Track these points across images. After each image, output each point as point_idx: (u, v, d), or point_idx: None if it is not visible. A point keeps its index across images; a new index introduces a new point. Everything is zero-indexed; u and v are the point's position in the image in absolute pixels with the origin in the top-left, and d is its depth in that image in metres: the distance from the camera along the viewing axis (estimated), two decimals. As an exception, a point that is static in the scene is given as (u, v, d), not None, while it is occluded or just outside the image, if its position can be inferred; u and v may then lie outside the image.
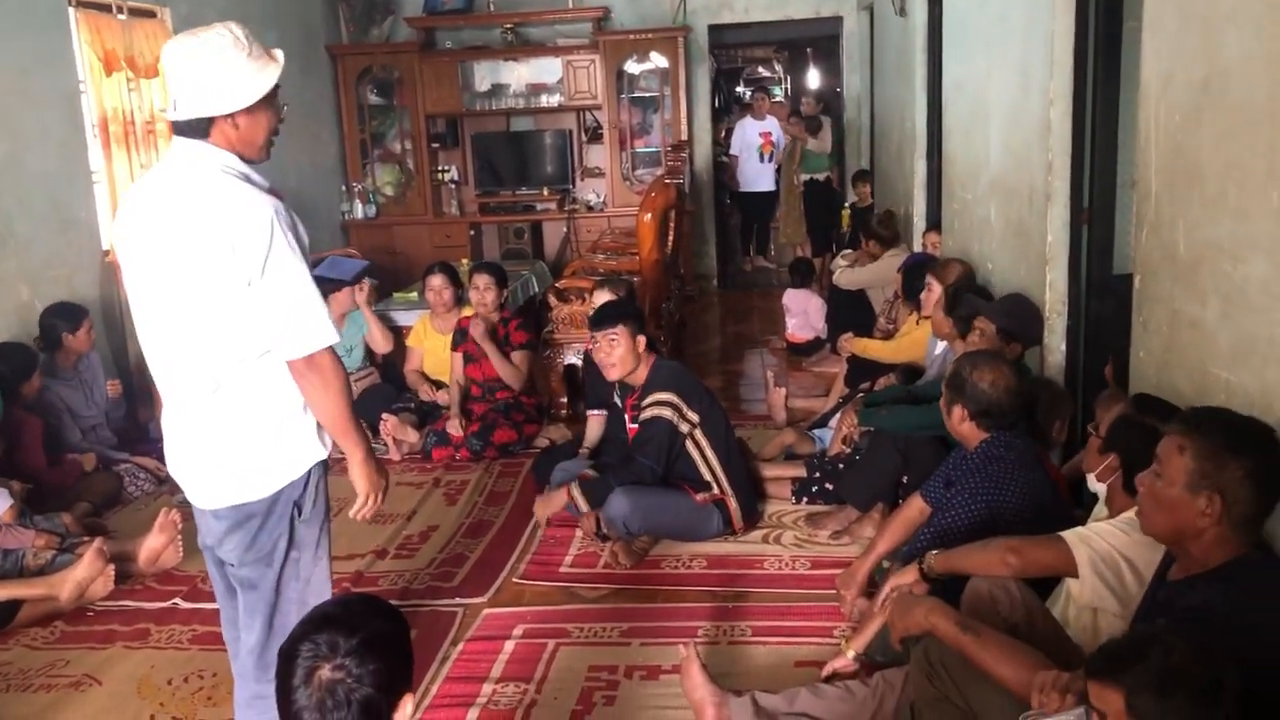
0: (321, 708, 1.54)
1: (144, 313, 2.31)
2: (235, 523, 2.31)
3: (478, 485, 4.86)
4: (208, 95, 2.20)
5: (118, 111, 5.82)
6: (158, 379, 2.35)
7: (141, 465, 4.99)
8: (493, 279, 5.41)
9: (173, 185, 2.24)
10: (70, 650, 3.46)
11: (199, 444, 2.32)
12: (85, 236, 5.53)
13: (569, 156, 9.33)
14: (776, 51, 13.96)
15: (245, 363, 2.25)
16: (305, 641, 1.57)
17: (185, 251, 2.18)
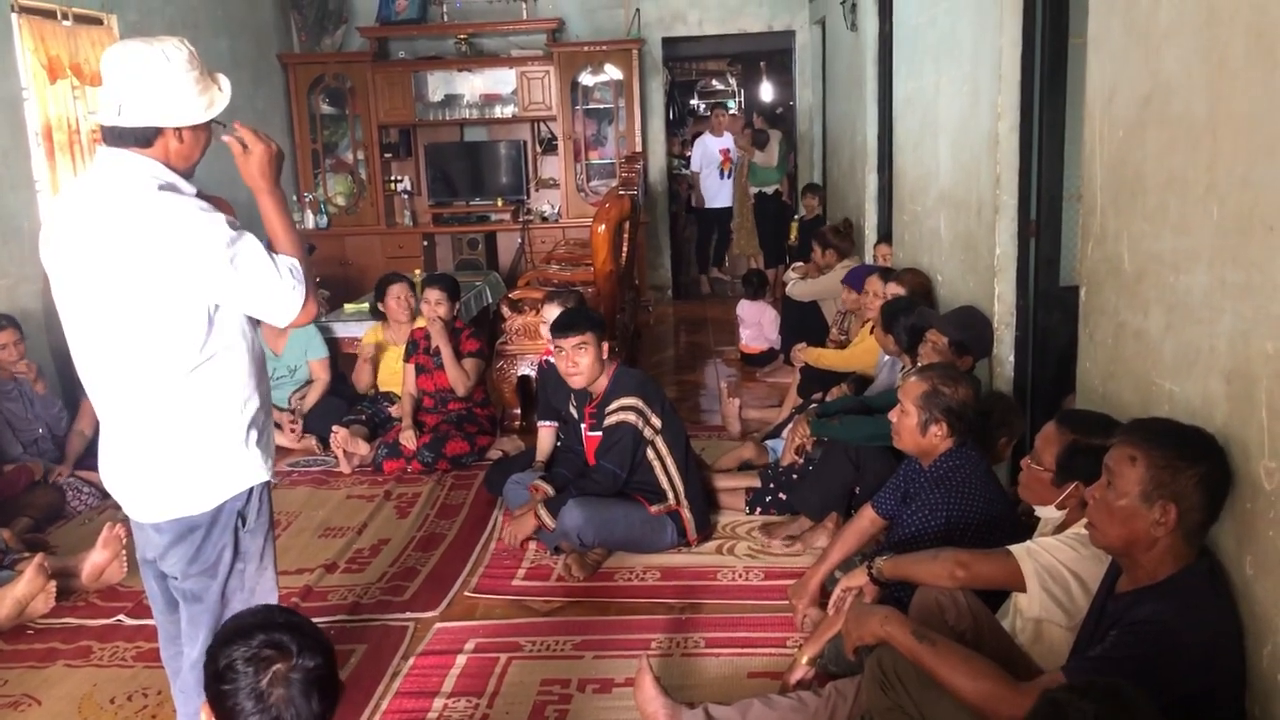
0: (291, 704, 1.52)
1: (76, 326, 2.25)
2: (178, 535, 2.27)
3: (429, 498, 4.81)
4: (163, 105, 2.16)
5: (61, 119, 5.72)
6: (92, 393, 2.30)
7: (85, 479, 4.89)
8: (445, 293, 5.37)
9: (103, 198, 2.17)
10: (9, 669, 3.38)
11: (137, 457, 2.27)
12: (28, 247, 5.40)
13: (523, 167, 9.31)
14: (730, 65, 14.04)
15: (183, 375, 2.21)
16: (242, 652, 1.53)
17: (120, 265, 2.14)
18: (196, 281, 2.15)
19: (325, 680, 1.57)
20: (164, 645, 2.54)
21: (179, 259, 2.13)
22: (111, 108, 2.17)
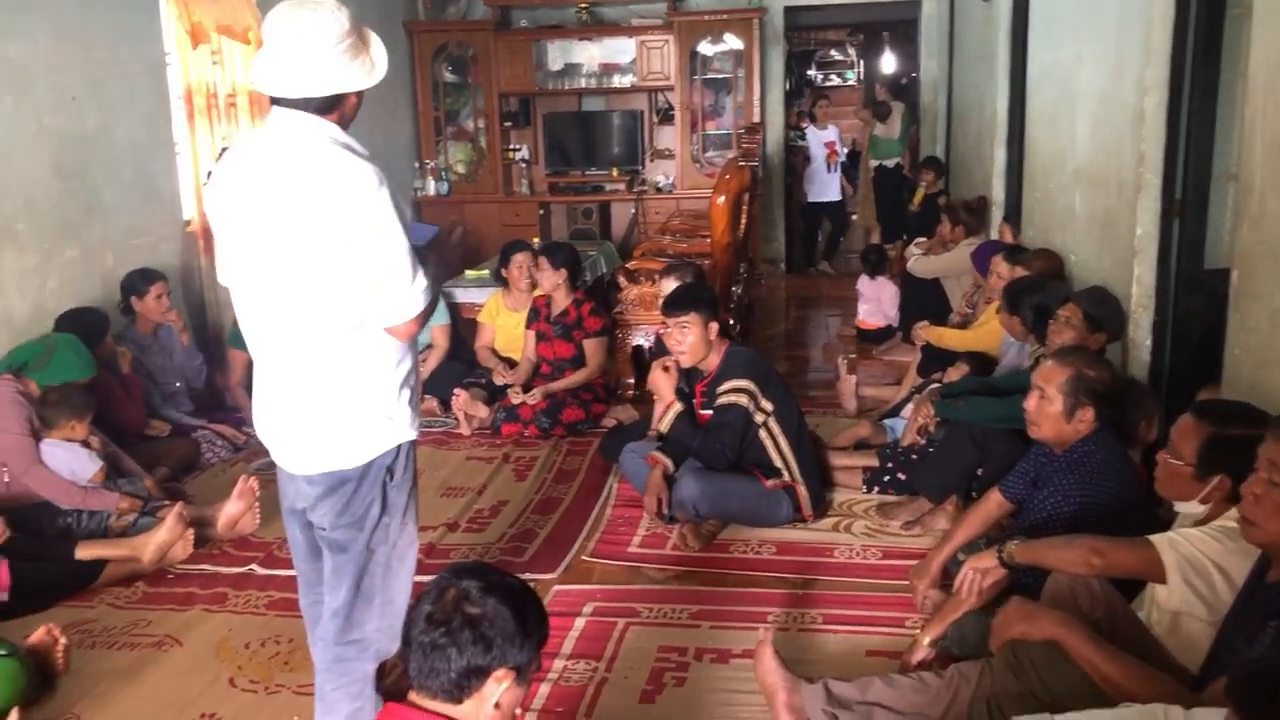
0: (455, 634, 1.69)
1: (245, 280, 2.32)
2: (329, 488, 2.34)
3: (546, 462, 4.88)
4: (336, 73, 2.21)
5: (201, 83, 5.89)
6: (256, 346, 2.38)
7: (219, 432, 5.09)
8: (550, 261, 5.41)
9: (284, 155, 2.23)
10: (152, 611, 3.54)
11: (296, 411, 2.34)
12: (168, 207, 5.64)
13: (639, 137, 9.31)
14: (850, 35, 13.77)
15: (347, 332, 2.26)
16: (439, 582, 1.76)
17: (298, 220, 2.19)
18: (344, 243, 2.20)
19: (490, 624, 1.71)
20: (303, 593, 2.63)
21: (351, 214, 2.18)
22: (285, 78, 2.20)
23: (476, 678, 1.69)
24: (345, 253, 2.19)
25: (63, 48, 4.77)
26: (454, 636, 1.68)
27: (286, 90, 2.21)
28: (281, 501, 2.53)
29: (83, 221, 4.92)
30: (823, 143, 9.55)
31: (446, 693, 1.69)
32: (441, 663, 1.68)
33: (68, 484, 4.01)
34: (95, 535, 3.90)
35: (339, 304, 2.24)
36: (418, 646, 1.70)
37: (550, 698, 2.92)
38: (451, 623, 1.68)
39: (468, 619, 1.69)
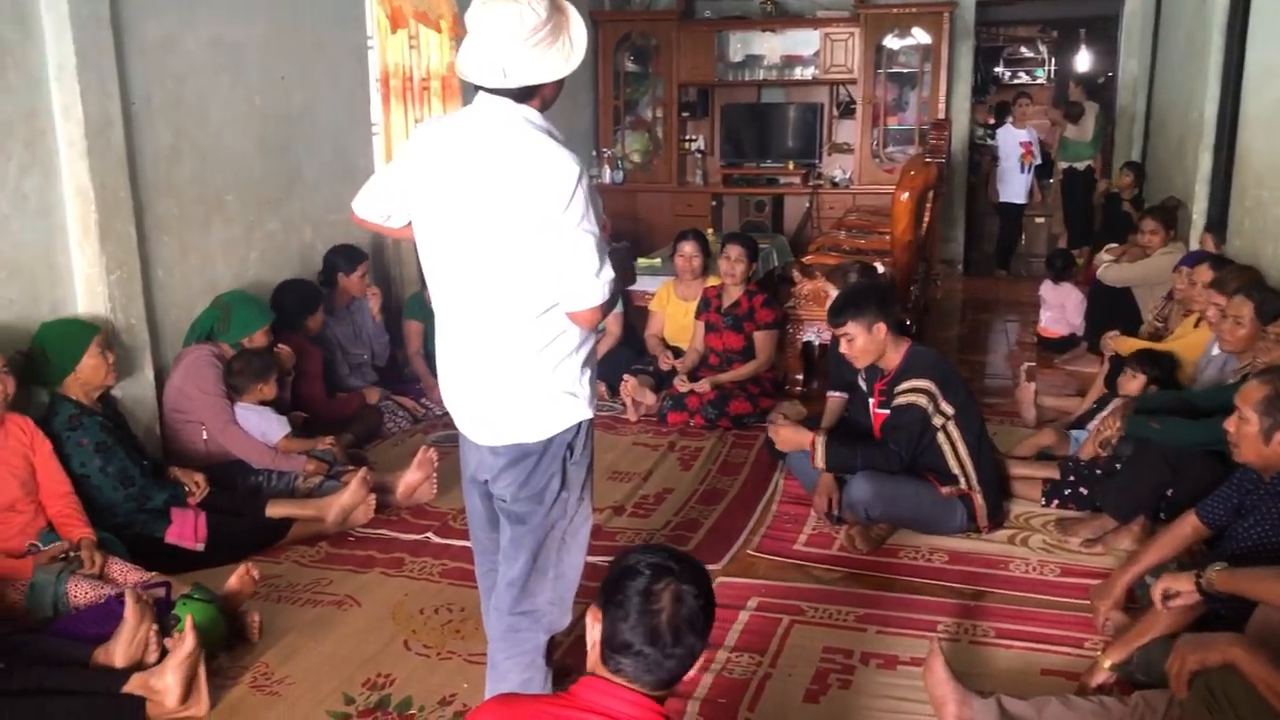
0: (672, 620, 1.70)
1: (444, 256, 2.38)
2: (512, 460, 2.40)
3: (711, 453, 4.88)
4: (541, 64, 2.26)
5: (398, 67, 6.12)
6: (447, 320, 2.44)
7: (400, 404, 5.29)
8: (745, 251, 5.42)
9: (488, 139, 2.29)
10: (333, 570, 3.71)
11: (485, 385, 2.39)
12: (362, 184, 5.83)
13: (818, 131, 9.19)
14: (1043, 31, 13.25)
15: (538, 314, 2.32)
16: (644, 559, 1.75)
17: (502, 199, 2.25)
18: (537, 227, 2.25)
19: (704, 616, 1.74)
20: (478, 561, 2.70)
21: (549, 200, 2.23)
22: (495, 70, 2.25)
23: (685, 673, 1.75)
24: (540, 238, 2.25)
25: (275, 31, 5.02)
26: (681, 642, 1.71)
27: (486, 80, 2.27)
28: (463, 470, 2.61)
29: (284, 196, 5.18)
30: (1018, 142, 9.20)
31: (663, 685, 1.73)
32: (671, 665, 1.71)
33: (260, 445, 4.23)
34: (283, 495, 4.11)
35: (531, 286, 2.30)
36: (644, 648, 1.70)
37: (713, 688, 2.92)
38: (679, 630, 1.70)
39: (690, 624, 1.71)
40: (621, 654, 1.70)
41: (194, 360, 4.24)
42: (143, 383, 4.19)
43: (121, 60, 4.02)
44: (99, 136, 3.88)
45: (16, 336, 3.63)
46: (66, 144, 3.84)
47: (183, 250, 4.49)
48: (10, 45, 3.63)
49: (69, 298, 3.94)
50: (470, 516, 2.67)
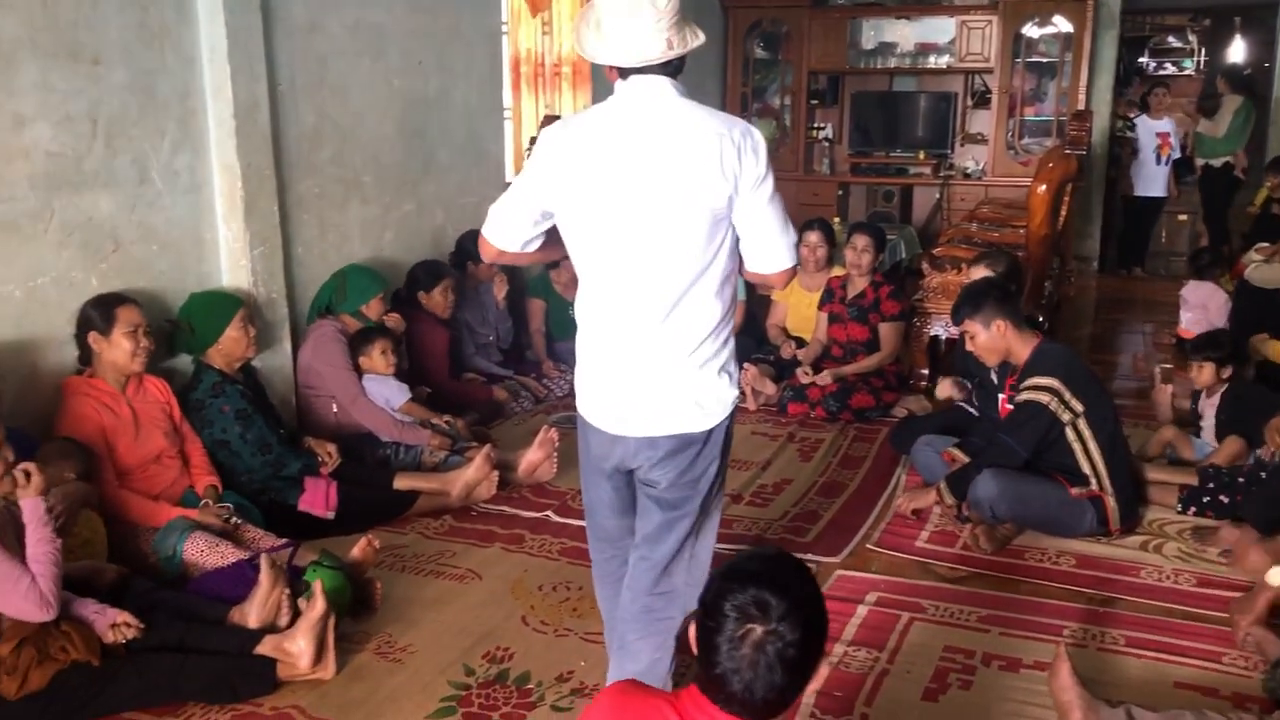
0: (754, 667, 1.55)
1: (620, 252, 2.32)
2: (674, 450, 2.39)
3: (832, 446, 4.83)
4: (689, 34, 2.29)
5: (530, 53, 6.20)
6: (607, 313, 2.39)
7: (522, 384, 5.37)
8: (872, 241, 5.34)
9: (667, 117, 2.26)
10: (456, 544, 3.79)
11: (649, 375, 2.36)
12: (493, 168, 5.97)
13: (950, 121, 8.99)
14: (1193, 20, 12.68)
15: (719, 288, 2.33)
16: (734, 597, 1.58)
17: (700, 175, 2.23)
18: (728, 197, 2.25)
19: (797, 660, 1.57)
20: (599, 548, 2.69)
21: (742, 168, 2.23)
22: (659, 42, 2.23)
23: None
24: (740, 207, 2.27)
25: (414, 15, 5.13)
26: (773, 685, 1.57)
27: (652, 55, 2.25)
28: (590, 462, 2.56)
29: (419, 178, 5.30)
30: (1154, 133, 8.82)
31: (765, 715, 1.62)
32: (760, 705, 1.59)
33: (388, 417, 4.35)
34: (410, 468, 4.22)
35: (718, 261, 2.31)
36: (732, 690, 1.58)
37: (830, 681, 2.89)
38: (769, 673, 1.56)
39: (782, 662, 1.56)
40: (713, 691, 1.62)
41: (320, 336, 4.39)
42: (281, 355, 4.35)
43: (269, 43, 4.17)
44: (247, 116, 4.03)
45: (165, 306, 3.81)
46: (216, 123, 4.00)
47: (321, 228, 4.64)
48: (169, 27, 3.80)
49: (214, 271, 4.11)
50: (595, 506, 2.63)
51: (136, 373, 3.52)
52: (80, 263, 3.58)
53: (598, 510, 2.64)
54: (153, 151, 3.79)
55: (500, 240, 2.44)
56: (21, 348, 3.40)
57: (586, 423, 2.50)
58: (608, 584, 2.70)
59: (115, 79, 3.62)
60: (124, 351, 3.44)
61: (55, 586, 2.62)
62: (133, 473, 3.44)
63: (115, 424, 3.42)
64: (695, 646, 1.66)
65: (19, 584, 2.56)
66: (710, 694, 1.63)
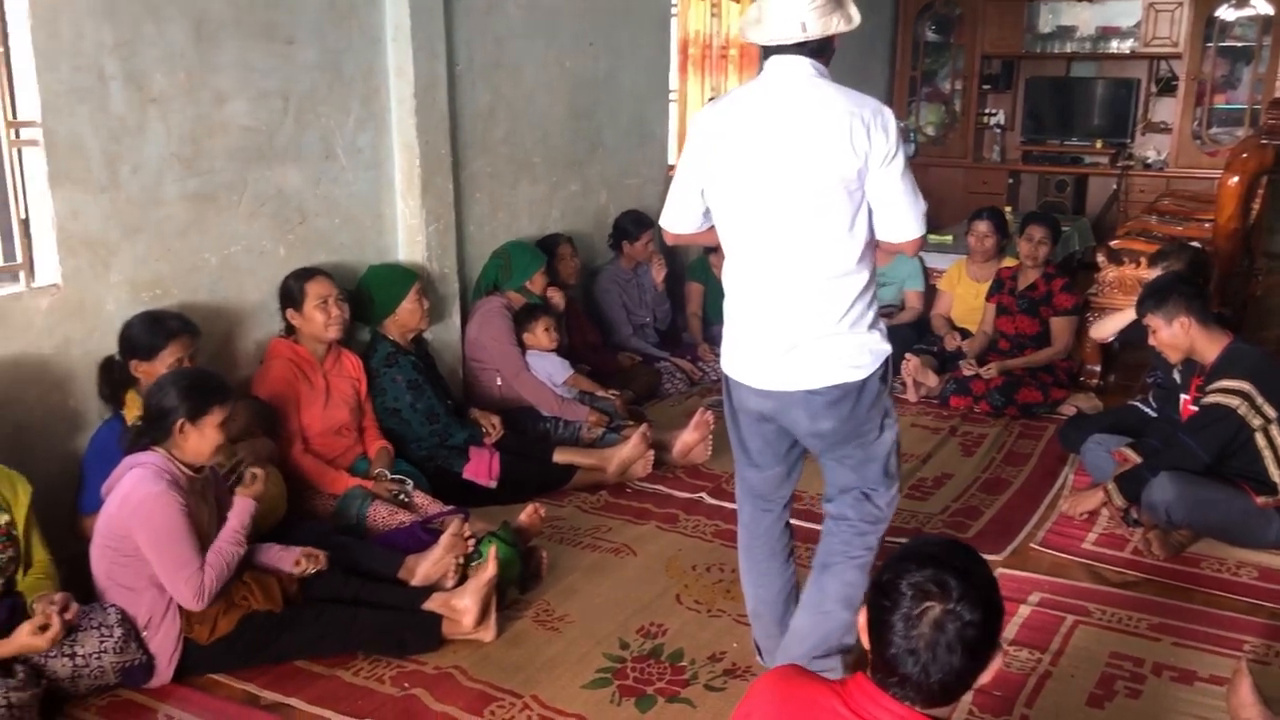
0: (932, 648, 1.53)
1: (766, 219, 2.45)
2: (834, 400, 2.50)
3: (996, 441, 4.69)
4: (833, 18, 2.41)
5: (698, 34, 6.21)
6: (755, 277, 2.52)
7: (678, 366, 5.40)
8: (1049, 232, 5.16)
9: (806, 95, 2.40)
10: (611, 519, 3.85)
11: (807, 331, 2.48)
12: (656, 150, 6.01)
13: (1131, 108, 8.59)
14: None
15: (858, 257, 2.46)
16: (910, 576, 1.57)
17: (837, 149, 2.35)
18: (858, 171, 2.38)
19: (975, 641, 1.54)
20: (753, 503, 2.80)
21: (877, 142, 2.36)
22: (795, 25, 2.38)
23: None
24: (874, 179, 2.40)
25: (588, -3, 5.21)
26: (949, 667, 1.54)
27: (788, 35, 2.40)
28: (744, 419, 2.69)
29: (585, 159, 5.37)
30: None
31: (937, 703, 1.59)
32: (936, 689, 1.56)
33: (550, 392, 4.45)
34: (569, 443, 4.29)
35: (860, 228, 2.44)
36: (906, 673, 1.56)
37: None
38: (947, 654, 1.54)
39: (961, 643, 1.54)
40: (886, 675, 1.59)
41: (486, 311, 4.50)
42: (450, 328, 4.49)
43: (449, 23, 4.29)
44: (426, 95, 4.16)
45: (345, 278, 3.97)
46: (397, 102, 4.15)
47: (492, 206, 4.76)
48: (356, 8, 3.95)
49: (392, 245, 4.27)
50: (746, 462, 2.76)
51: (334, 340, 3.70)
52: (270, 233, 3.77)
53: (748, 467, 2.77)
54: (338, 128, 3.96)
55: (674, 224, 2.66)
56: (216, 312, 3.61)
57: (738, 383, 2.63)
58: (755, 547, 2.82)
59: (306, 58, 3.79)
60: (317, 323, 3.63)
61: (216, 584, 2.74)
62: (314, 440, 3.61)
63: (309, 392, 3.61)
64: (866, 632, 1.64)
65: (185, 569, 2.70)
66: (881, 678, 1.61)
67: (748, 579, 2.86)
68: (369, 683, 2.81)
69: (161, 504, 2.66)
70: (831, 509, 2.70)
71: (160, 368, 3.08)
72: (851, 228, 2.43)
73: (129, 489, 2.70)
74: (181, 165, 3.43)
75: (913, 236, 2.48)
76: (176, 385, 2.77)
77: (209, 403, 2.76)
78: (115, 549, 2.73)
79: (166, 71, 3.34)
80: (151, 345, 3.11)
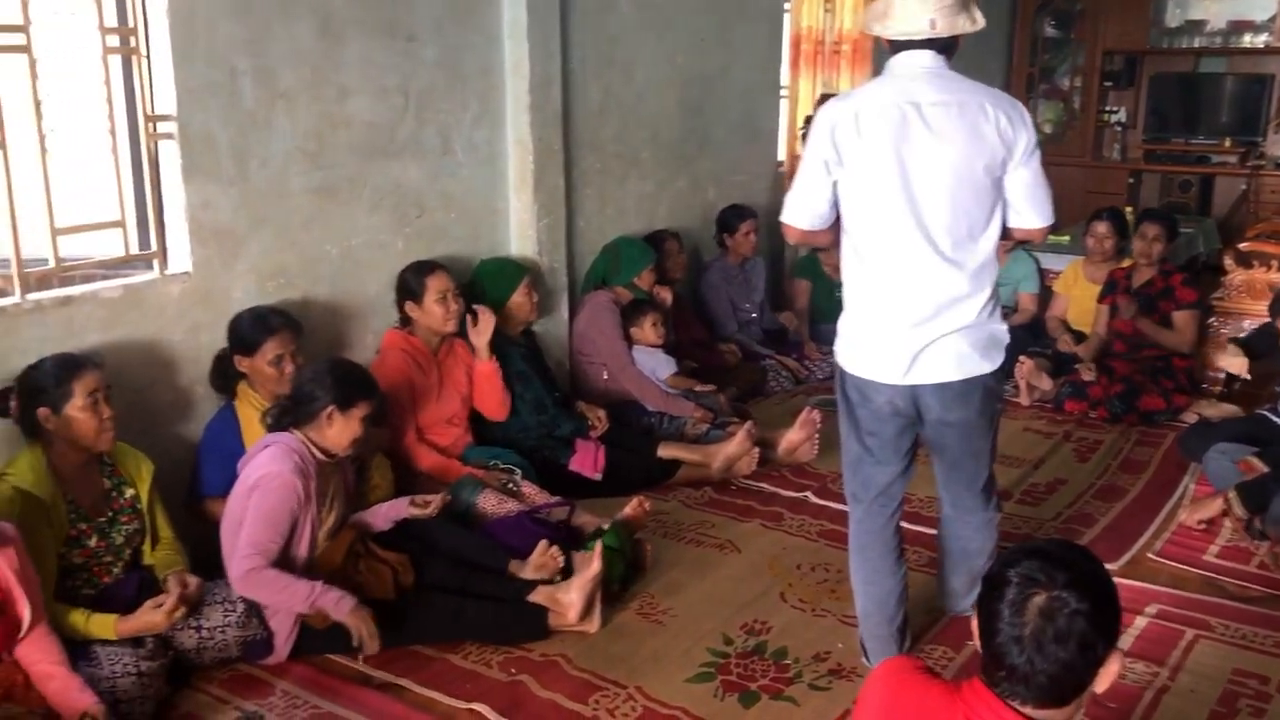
0: (1037, 636, 1.50)
1: (908, 212, 2.51)
2: (965, 391, 2.62)
3: (1112, 448, 4.56)
4: (964, 20, 2.51)
5: (811, 30, 6.15)
6: (894, 268, 2.56)
7: (783, 364, 5.37)
8: (1163, 230, 4.99)
9: (932, 87, 2.50)
10: (715, 516, 3.85)
11: (952, 323, 2.56)
12: (766, 147, 5.99)
13: (1264, 106, 8.23)
14: None
15: (995, 244, 2.58)
16: (1015, 568, 1.55)
17: (981, 142, 2.47)
18: (1001, 163, 2.50)
19: (1085, 633, 1.50)
20: (871, 499, 2.80)
21: (1021, 134, 2.49)
22: (924, 20, 2.47)
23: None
24: (1012, 172, 2.52)
25: (702, -9, 5.21)
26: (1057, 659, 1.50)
27: (909, 33, 2.49)
28: (869, 414, 2.71)
29: (694, 155, 5.38)
30: None
31: (1050, 704, 1.55)
32: (1044, 682, 1.52)
33: (655, 387, 4.47)
34: (673, 439, 4.31)
35: (996, 218, 2.56)
36: (1014, 665, 1.53)
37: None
38: (1055, 645, 1.50)
39: (1069, 634, 1.50)
40: (994, 669, 1.57)
41: (595, 305, 4.54)
42: (558, 322, 4.55)
43: (565, 21, 4.33)
44: (540, 93, 4.22)
45: (459, 271, 4.04)
46: (513, 98, 4.21)
47: (601, 202, 4.80)
48: (476, 6, 4.03)
49: (504, 240, 4.34)
50: (865, 455, 2.77)
51: (451, 333, 3.78)
52: (388, 227, 3.86)
53: (871, 465, 2.78)
54: (455, 124, 4.04)
55: (799, 218, 2.67)
56: (336, 303, 3.72)
57: (865, 380, 2.67)
58: (869, 545, 2.82)
59: (427, 55, 3.88)
60: (436, 317, 3.71)
61: (256, 592, 2.78)
62: (427, 430, 3.70)
63: (423, 383, 3.70)
64: (977, 630, 1.62)
65: (254, 550, 2.74)
66: (991, 676, 1.58)
67: (859, 577, 2.85)
68: (477, 667, 2.87)
69: (278, 485, 2.76)
70: (964, 499, 2.86)
71: (261, 363, 3.19)
72: (991, 220, 2.54)
73: (257, 466, 2.81)
74: (306, 159, 3.54)
75: (1047, 223, 2.62)
76: (333, 374, 2.90)
77: (360, 395, 2.90)
78: (241, 528, 2.83)
79: (293, 67, 3.45)
80: (253, 340, 3.21)
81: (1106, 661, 1.55)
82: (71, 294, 3.05)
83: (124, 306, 3.14)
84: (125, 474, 2.88)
